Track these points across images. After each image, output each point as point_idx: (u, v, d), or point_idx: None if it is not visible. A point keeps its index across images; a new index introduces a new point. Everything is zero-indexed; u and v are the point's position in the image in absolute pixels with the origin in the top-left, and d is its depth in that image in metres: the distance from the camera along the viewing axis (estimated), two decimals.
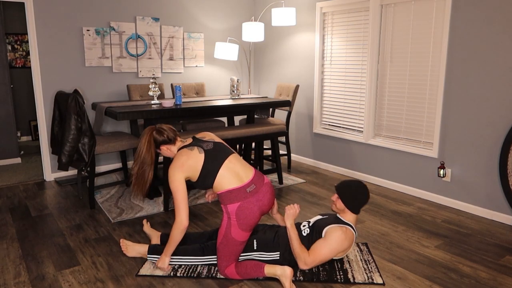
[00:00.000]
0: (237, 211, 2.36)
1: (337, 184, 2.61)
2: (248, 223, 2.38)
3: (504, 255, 2.80)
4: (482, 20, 3.31)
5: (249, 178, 2.42)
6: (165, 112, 3.68)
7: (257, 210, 2.39)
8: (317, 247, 2.45)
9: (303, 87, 5.13)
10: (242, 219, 2.36)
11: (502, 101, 3.26)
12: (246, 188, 2.38)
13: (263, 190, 2.44)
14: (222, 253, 2.43)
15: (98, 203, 3.74)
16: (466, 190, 3.59)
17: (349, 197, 2.53)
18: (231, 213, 2.37)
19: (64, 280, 2.45)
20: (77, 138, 3.39)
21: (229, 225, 2.39)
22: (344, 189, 2.56)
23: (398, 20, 3.97)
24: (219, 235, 2.44)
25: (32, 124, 6.56)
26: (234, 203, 2.36)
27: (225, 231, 2.40)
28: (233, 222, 2.37)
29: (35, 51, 4.23)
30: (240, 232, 2.38)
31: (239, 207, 2.35)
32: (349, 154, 4.64)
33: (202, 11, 5.34)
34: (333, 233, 2.45)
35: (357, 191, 2.54)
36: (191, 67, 5.34)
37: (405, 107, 4.01)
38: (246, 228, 2.38)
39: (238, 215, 2.36)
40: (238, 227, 2.37)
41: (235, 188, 2.36)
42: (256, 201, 2.39)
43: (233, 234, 2.38)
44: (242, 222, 2.36)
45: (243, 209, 2.36)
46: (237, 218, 2.36)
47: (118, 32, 4.69)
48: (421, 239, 3.03)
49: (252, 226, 2.41)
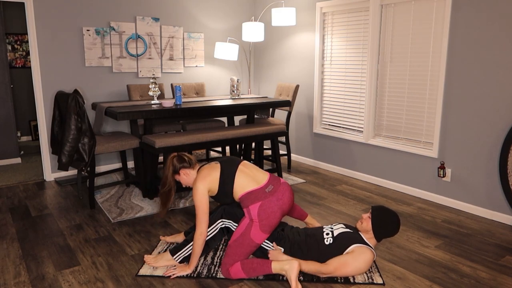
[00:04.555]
0: (259, 210, 2.41)
1: (374, 206, 2.55)
2: (269, 223, 2.41)
3: (504, 255, 2.80)
4: (482, 20, 3.31)
5: (265, 180, 2.52)
6: (165, 112, 3.68)
7: (278, 210, 2.43)
8: (342, 263, 2.39)
9: (303, 87, 5.14)
10: (264, 219, 2.40)
11: (502, 101, 3.26)
12: (265, 188, 2.46)
13: (282, 189, 2.51)
14: (233, 251, 2.43)
15: (98, 203, 3.74)
16: (466, 190, 3.59)
17: (381, 224, 2.46)
18: (253, 214, 2.42)
19: (64, 280, 2.45)
20: (77, 138, 3.39)
21: (249, 226, 2.42)
22: (380, 214, 2.49)
23: (398, 20, 3.97)
24: (236, 233, 2.45)
25: (32, 124, 6.56)
26: (256, 203, 2.42)
27: (244, 230, 2.43)
28: (255, 223, 2.41)
29: (35, 51, 4.23)
30: (260, 234, 2.41)
31: (260, 206, 2.41)
32: (349, 154, 4.64)
33: (202, 11, 5.34)
34: (363, 254, 2.40)
35: (391, 222, 2.47)
36: (191, 67, 5.34)
37: (405, 107, 4.01)
38: (267, 229, 2.42)
39: (260, 215, 2.40)
40: (260, 228, 2.40)
41: (254, 190, 2.45)
42: (276, 200, 2.44)
43: (252, 235, 2.41)
44: (264, 222, 2.40)
45: (265, 208, 2.41)
46: (259, 218, 2.40)
47: (118, 32, 4.69)
48: (421, 239, 3.03)
49: (272, 227, 2.44)
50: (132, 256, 2.75)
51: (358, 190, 4.17)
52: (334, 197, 3.96)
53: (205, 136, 3.76)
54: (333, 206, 3.70)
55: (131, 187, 4.17)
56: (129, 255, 2.76)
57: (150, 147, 3.58)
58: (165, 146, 3.52)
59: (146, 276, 2.49)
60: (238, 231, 2.46)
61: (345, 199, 3.89)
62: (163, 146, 3.52)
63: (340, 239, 2.47)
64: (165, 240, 2.93)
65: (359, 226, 2.54)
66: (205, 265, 2.59)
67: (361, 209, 3.62)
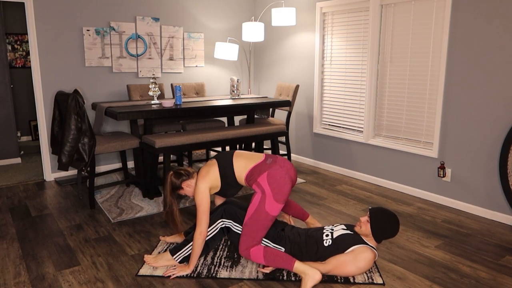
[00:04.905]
0: (268, 179, 2.44)
1: (372, 208, 2.49)
2: (281, 191, 2.42)
3: (504, 255, 2.80)
4: (482, 20, 3.31)
5: (262, 157, 2.60)
6: (165, 112, 3.68)
7: (286, 175, 2.47)
8: (342, 261, 2.39)
9: (303, 87, 5.14)
10: (276, 187, 2.42)
11: (502, 101, 3.26)
12: (265, 162, 2.54)
13: (281, 159, 2.58)
14: (249, 228, 2.42)
15: (98, 203, 3.74)
16: (466, 190, 3.59)
17: (381, 227, 2.42)
18: (263, 185, 2.44)
19: (64, 280, 2.45)
20: (77, 138, 3.39)
21: (263, 199, 2.42)
22: (378, 217, 2.44)
23: (398, 20, 3.97)
24: (249, 211, 2.45)
25: (32, 124, 6.56)
26: (262, 174, 2.47)
27: (258, 205, 2.43)
28: (267, 194, 2.42)
29: (35, 51, 4.23)
30: (275, 205, 2.41)
31: (268, 175, 2.45)
32: (349, 154, 4.64)
33: (202, 11, 5.34)
34: (364, 254, 2.39)
35: (390, 224, 2.43)
36: (191, 67, 5.34)
37: (405, 107, 4.01)
38: (280, 198, 2.42)
39: (271, 184, 2.42)
40: (274, 198, 2.41)
41: (256, 165, 2.53)
42: (280, 168, 2.49)
43: (267, 207, 2.41)
44: (277, 190, 2.41)
45: (273, 175, 2.45)
46: (271, 188, 2.42)
47: (118, 32, 4.69)
48: (421, 239, 3.03)
49: (285, 196, 2.44)
50: (132, 256, 2.75)
51: (358, 190, 4.17)
52: (334, 197, 3.96)
53: (205, 136, 3.76)
54: (333, 206, 3.70)
55: (131, 187, 4.17)
56: (129, 255, 2.76)
57: (150, 147, 3.58)
58: (165, 146, 3.52)
59: (146, 276, 2.49)
60: (251, 208, 2.45)
61: (345, 199, 3.89)
62: (163, 146, 3.52)
63: (339, 240, 2.47)
64: (165, 240, 2.93)
65: (358, 230, 2.49)
66: (205, 265, 2.59)
67: (361, 209, 3.62)
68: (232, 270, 2.55)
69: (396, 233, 2.48)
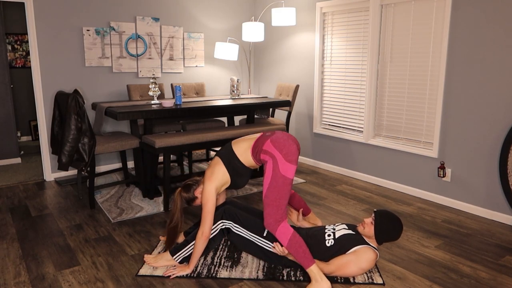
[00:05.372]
0: (273, 144, 2.46)
1: (377, 211, 2.49)
2: (290, 151, 2.42)
3: (504, 255, 2.80)
4: (482, 20, 3.31)
5: (259, 134, 2.64)
6: (165, 112, 3.68)
7: (287, 138, 2.49)
8: (344, 262, 2.40)
9: (303, 87, 5.14)
10: (283, 148, 2.43)
11: (502, 101, 3.26)
12: (264, 134, 2.58)
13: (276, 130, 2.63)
14: (271, 198, 2.39)
15: (98, 203, 3.74)
16: (466, 190, 3.59)
17: (384, 230, 2.43)
18: (271, 150, 2.45)
19: (64, 280, 2.45)
20: (77, 138, 3.39)
21: (275, 164, 2.41)
22: (383, 221, 2.44)
23: (398, 20, 3.97)
24: (265, 182, 2.43)
25: (32, 124, 6.56)
26: (266, 142, 2.50)
27: (272, 171, 2.41)
28: (278, 157, 2.41)
29: (35, 51, 4.23)
30: (288, 166, 2.40)
31: (271, 140, 2.48)
32: (349, 154, 4.64)
33: (202, 11, 5.34)
34: (366, 254, 2.40)
35: (394, 228, 2.44)
36: (191, 67, 5.34)
37: (405, 107, 4.01)
38: (291, 158, 2.41)
39: (277, 146, 2.44)
40: (285, 159, 2.40)
41: (256, 140, 2.57)
42: (279, 133, 2.53)
43: (281, 170, 2.39)
44: (285, 151, 2.42)
45: (276, 139, 2.48)
46: (279, 150, 2.42)
47: (118, 32, 4.69)
48: (421, 239, 3.03)
49: (295, 156, 2.44)
50: (132, 256, 2.75)
51: (358, 190, 4.17)
52: (334, 197, 3.96)
53: (205, 136, 3.76)
54: (333, 206, 3.70)
55: (131, 187, 4.17)
56: (129, 255, 2.76)
57: (150, 147, 3.58)
58: (165, 146, 3.52)
59: (146, 276, 2.49)
60: (266, 178, 2.43)
61: (345, 199, 3.89)
62: (163, 146, 3.52)
63: (342, 240, 2.47)
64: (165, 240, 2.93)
65: (361, 231, 2.50)
66: (205, 265, 2.59)
67: (361, 209, 3.62)
68: (232, 270, 2.55)
69: (398, 237, 2.49)
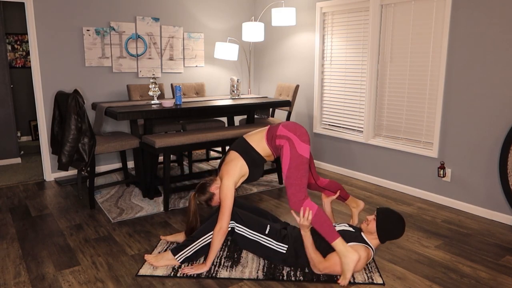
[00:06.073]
0: (286, 127, 2.59)
1: (380, 208, 2.53)
2: (302, 132, 2.55)
3: (504, 255, 2.80)
4: (482, 20, 3.31)
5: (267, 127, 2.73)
6: (165, 112, 3.68)
7: (296, 123, 2.63)
8: (334, 259, 2.41)
9: (303, 87, 5.14)
10: (296, 130, 2.55)
11: (502, 101, 3.26)
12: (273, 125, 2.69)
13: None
14: (293, 179, 2.46)
15: (98, 203, 3.74)
16: (466, 190, 3.59)
17: (386, 227, 2.45)
18: (285, 133, 2.56)
19: (64, 280, 2.45)
20: (77, 138, 3.39)
21: (292, 145, 2.51)
22: (385, 217, 2.47)
23: (398, 20, 3.97)
24: (284, 164, 2.50)
25: (32, 124, 6.56)
26: (278, 127, 2.61)
27: (290, 153, 2.50)
28: (293, 138, 2.52)
29: (35, 51, 4.23)
30: (303, 145, 2.51)
31: (283, 125, 2.62)
32: (349, 154, 4.64)
33: (202, 11, 5.34)
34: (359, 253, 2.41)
35: (396, 225, 2.46)
36: (191, 67, 5.34)
37: (405, 107, 4.01)
38: (305, 138, 2.53)
39: (289, 129, 2.57)
40: (300, 139, 2.52)
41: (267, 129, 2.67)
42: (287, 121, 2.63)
43: (299, 150, 2.49)
44: (298, 132, 2.54)
45: (288, 124, 2.61)
46: (292, 132, 2.55)
47: (118, 32, 4.69)
48: (421, 239, 3.03)
49: (307, 136, 2.55)
50: (132, 256, 2.75)
51: (358, 190, 4.17)
52: None
53: (205, 136, 3.76)
54: (333, 206, 3.70)
55: (131, 187, 4.17)
56: (129, 255, 2.76)
57: (150, 147, 3.58)
58: (165, 146, 3.52)
59: (146, 276, 2.49)
60: (285, 160, 2.51)
61: None
62: (163, 146, 3.52)
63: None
64: (166, 240, 2.93)
65: (364, 228, 2.53)
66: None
67: None
68: (232, 270, 2.55)
69: (401, 235, 2.49)
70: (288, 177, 2.48)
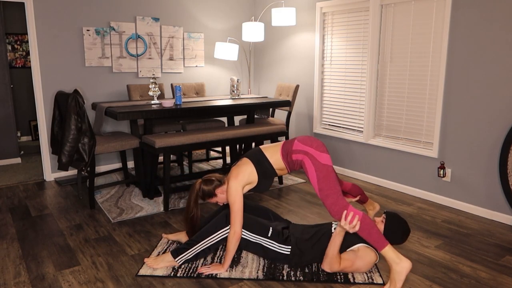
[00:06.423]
0: (302, 142, 2.55)
1: (388, 211, 2.55)
2: (318, 144, 2.54)
3: (504, 255, 2.80)
4: (482, 20, 3.31)
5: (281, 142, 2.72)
6: (165, 112, 3.68)
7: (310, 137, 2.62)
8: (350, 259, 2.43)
9: (303, 87, 5.14)
10: (312, 144, 2.53)
11: (502, 101, 3.26)
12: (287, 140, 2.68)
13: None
14: (327, 189, 2.41)
15: (98, 203, 3.74)
16: (466, 190, 3.59)
17: (393, 230, 2.47)
18: (302, 148, 2.53)
19: (64, 280, 2.45)
20: (77, 138, 3.39)
21: (313, 158, 2.48)
22: (394, 221, 2.49)
23: (398, 20, 3.97)
24: (312, 177, 2.46)
25: (32, 124, 6.56)
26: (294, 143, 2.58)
27: (314, 166, 2.46)
28: (311, 151, 2.50)
29: (35, 51, 4.23)
30: (323, 156, 2.49)
31: (299, 140, 2.58)
32: (349, 154, 4.64)
33: (202, 11, 5.34)
34: (369, 256, 2.44)
35: (403, 230, 2.48)
36: (191, 67, 5.34)
37: (405, 107, 4.01)
38: (322, 149, 2.52)
39: (306, 143, 2.54)
40: (318, 151, 2.50)
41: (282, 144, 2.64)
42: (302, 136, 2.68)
43: (321, 160, 2.47)
44: (315, 145, 2.53)
45: (303, 138, 2.59)
46: (309, 145, 2.52)
47: (118, 32, 4.69)
48: (421, 239, 3.03)
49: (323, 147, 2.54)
50: (132, 256, 2.75)
51: None
52: None
53: (205, 136, 3.76)
54: None
55: (131, 187, 4.17)
56: (129, 255, 2.76)
57: (150, 147, 3.59)
58: (165, 146, 3.53)
59: (146, 276, 2.49)
60: (312, 174, 2.46)
61: None
62: (163, 146, 3.52)
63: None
64: (168, 238, 2.93)
65: None
66: (205, 265, 2.59)
67: (361, 209, 3.62)
68: (232, 270, 2.55)
69: (404, 241, 2.52)
70: (321, 189, 2.43)
